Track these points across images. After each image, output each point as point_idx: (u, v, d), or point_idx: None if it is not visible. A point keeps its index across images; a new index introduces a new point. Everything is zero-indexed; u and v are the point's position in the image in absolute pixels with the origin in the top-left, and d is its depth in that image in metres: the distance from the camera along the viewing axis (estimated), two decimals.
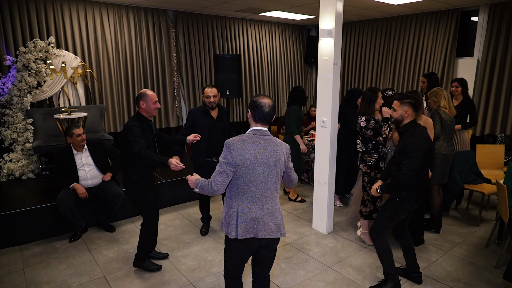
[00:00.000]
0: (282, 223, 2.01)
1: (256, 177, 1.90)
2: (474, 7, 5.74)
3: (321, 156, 3.73)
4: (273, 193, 1.98)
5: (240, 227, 1.90)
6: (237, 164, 1.88)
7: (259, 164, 1.89)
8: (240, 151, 1.87)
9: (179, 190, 4.49)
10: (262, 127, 1.98)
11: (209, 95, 3.40)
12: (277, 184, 2.00)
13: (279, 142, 1.99)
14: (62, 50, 4.95)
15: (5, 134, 4.61)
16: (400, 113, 2.59)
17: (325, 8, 3.45)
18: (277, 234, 1.97)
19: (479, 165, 4.17)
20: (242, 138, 1.92)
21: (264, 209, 1.94)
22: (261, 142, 1.92)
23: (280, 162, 1.96)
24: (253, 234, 1.92)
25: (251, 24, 7.22)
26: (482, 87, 5.70)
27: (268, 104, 1.95)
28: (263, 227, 1.92)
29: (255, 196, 1.92)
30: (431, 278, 2.96)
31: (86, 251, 3.43)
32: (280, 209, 2.04)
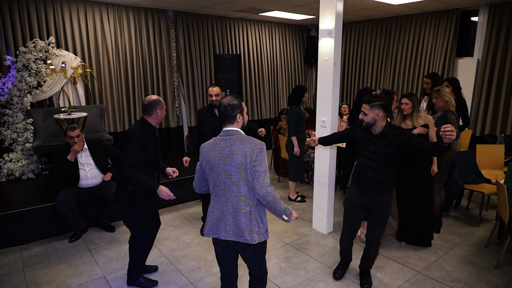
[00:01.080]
0: (248, 228, 1.90)
1: (215, 178, 1.95)
2: (474, 7, 5.74)
3: (321, 156, 3.73)
4: (235, 195, 1.89)
5: (207, 225, 2.01)
6: (203, 166, 2.00)
7: (218, 165, 1.92)
8: (204, 154, 1.98)
9: (179, 190, 4.49)
10: (227, 127, 1.99)
11: (211, 94, 3.54)
12: (240, 185, 1.88)
13: (247, 141, 1.89)
14: (62, 50, 4.95)
15: (5, 134, 4.61)
16: (371, 116, 2.49)
17: (325, 8, 3.45)
18: (239, 238, 1.91)
19: (479, 165, 4.17)
20: (210, 141, 2.00)
21: (225, 210, 1.94)
22: (221, 144, 1.94)
23: (236, 162, 1.85)
24: (216, 234, 1.98)
25: (251, 24, 7.22)
26: (482, 87, 5.70)
27: (223, 104, 1.97)
28: (224, 228, 1.95)
29: (216, 196, 1.98)
30: (431, 278, 2.96)
31: (86, 251, 3.43)
32: (251, 214, 1.91)
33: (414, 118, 3.30)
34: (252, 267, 2.13)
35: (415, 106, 3.28)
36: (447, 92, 3.54)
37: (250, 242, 1.91)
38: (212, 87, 3.55)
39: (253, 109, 7.46)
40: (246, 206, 1.91)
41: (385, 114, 2.51)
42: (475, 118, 5.82)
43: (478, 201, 4.36)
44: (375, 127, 2.54)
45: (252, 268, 2.14)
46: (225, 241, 1.99)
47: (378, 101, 2.47)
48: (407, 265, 3.16)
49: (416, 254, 3.34)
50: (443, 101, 3.54)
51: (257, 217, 1.95)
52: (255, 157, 1.86)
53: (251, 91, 7.39)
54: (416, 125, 3.29)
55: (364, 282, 2.86)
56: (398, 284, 2.88)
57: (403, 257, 3.29)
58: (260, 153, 1.87)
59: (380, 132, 2.54)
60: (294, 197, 4.73)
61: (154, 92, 6.15)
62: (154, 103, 2.58)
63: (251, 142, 1.89)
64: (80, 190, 3.65)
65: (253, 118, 7.50)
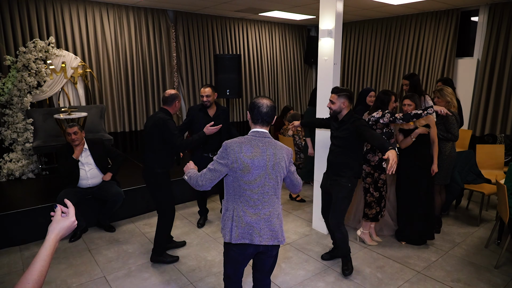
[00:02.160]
0: (280, 229, 1.93)
1: (252, 181, 1.84)
2: (474, 7, 5.74)
3: (321, 156, 3.73)
4: (271, 198, 1.90)
5: (235, 231, 1.85)
6: (232, 166, 1.83)
7: (256, 168, 1.83)
8: (236, 153, 1.82)
9: (179, 190, 4.49)
10: (262, 128, 1.91)
11: (202, 95, 3.58)
12: (276, 189, 1.92)
13: (279, 145, 1.92)
14: (62, 50, 4.95)
15: (5, 134, 4.61)
16: (338, 105, 2.83)
17: (325, 8, 3.46)
18: (273, 241, 1.89)
19: (479, 165, 4.17)
20: (241, 140, 1.86)
21: (260, 214, 1.87)
22: (259, 145, 1.85)
23: (279, 166, 1.88)
24: (248, 239, 1.85)
25: (251, 24, 7.22)
26: (482, 87, 5.70)
27: (266, 105, 1.88)
28: (258, 233, 1.85)
29: (250, 200, 1.86)
30: (431, 278, 2.96)
31: (86, 251, 3.43)
32: (280, 215, 1.95)
33: None
34: (267, 270, 2.06)
35: (417, 107, 3.28)
36: (449, 93, 3.53)
37: (283, 242, 1.94)
38: (204, 88, 3.58)
39: None
40: (279, 208, 1.96)
41: (350, 104, 2.85)
42: (475, 118, 5.82)
43: (478, 201, 4.36)
44: (340, 115, 2.87)
45: (266, 271, 2.07)
46: (255, 247, 1.88)
47: (345, 92, 2.81)
48: (407, 265, 3.16)
49: (416, 254, 3.34)
50: (445, 101, 3.53)
51: (282, 217, 2.00)
52: (288, 160, 1.96)
53: (251, 91, 7.39)
54: (418, 125, 3.28)
55: (344, 268, 3.02)
56: (398, 284, 2.88)
57: (403, 257, 3.29)
58: (290, 155, 1.99)
59: (341, 119, 2.87)
60: (295, 195, 4.75)
61: (154, 92, 6.16)
62: (174, 95, 3.02)
63: (283, 146, 1.95)
64: (80, 190, 3.65)
65: None
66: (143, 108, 6.10)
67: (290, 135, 5.24)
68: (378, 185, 3.31)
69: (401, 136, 3.39)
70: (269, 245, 1.91)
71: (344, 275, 2.98)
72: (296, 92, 8.29)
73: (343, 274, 2.99)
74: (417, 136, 3.28)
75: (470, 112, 5.89)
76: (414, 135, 3.28)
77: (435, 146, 3.37)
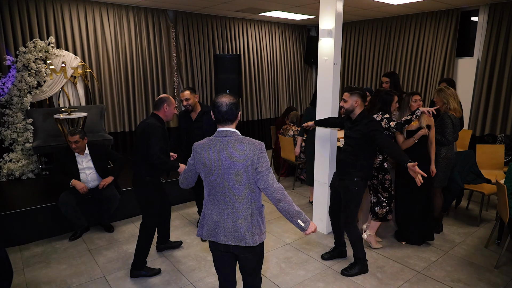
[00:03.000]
0: (249, 231, 1.85)
1: (213, 181, 1.86)
2: (474, 7, 5.74)
3: (321, 156, 3.73)
4: (234, 198, 1.84)
5: (204, 228, 1.94)
6: (197, 167, 1.92)
7: (213, 168, 1.83)
8: (198, 155, 1.88)
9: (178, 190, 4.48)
10: (224, 127, 1.87)
11: (182, 99, 3.48)
12: (240, 189, 1.83)
13: (246, 142, 1.83)
14: (62, 50, 4.95)
15: (5, 134, 4.61)
16: (350, 103, 2.82)
17: (325, 8, 3.46)
18: (239, 242, 1.85)
19: (479, 165, 4.16)
20: (204, 141, 1.90)
21: (224, 213, 1.87)
22: (217, 145, 1.83)
23: (236, 165, 1.80)
24: (215, 237, 1.90)
25: (251, 24, 7.22)
26: (482, 87, 5.70)
27: (225, 103, 1.84)
28: (223, 232, 1.87)
29: (214, 199, 1.89)
30: (431, 278, 2.96)
31: (86, 251, 3.43)
32: (250, 216, 1.87)
33: (421, 119, 3.23)
34: (248, 271, 2.04)
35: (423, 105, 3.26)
36: (448, 94, 3.47)
37: (252, 244, 1.86)
38: (183, 92, 3.46)
39: (253, 109, 7.46)
40: (247, 209, 1.86)
41: (363, 102, 2.84)
42: (475, 118, 5.82)
43: (478, 201, 4.36)
44: (353, 114, 2.86)
45: (248, 272, 2.04)
46: (224, 246, 1.91)
47: (357, 90, 2.80)
48: (407, 265, 3.16)
49: (416, 254, 3.34)
50: (441, 102, 3.50)
51: (258, 218, 1.91)
52: (257, 158, 1.81)
53: (251, 91, 7.39)
54: (422, 125, 3.23)
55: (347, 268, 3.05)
56: (398, 284, 2.88)
57: (403, 257, 3.29)
58: (261, 154, 1.83)
59: (354, 119, 2.86)
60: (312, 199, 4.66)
61: (154, 92, 6.16)
62: (162, 99, 2.89)
63: (250, 143, 1.82)
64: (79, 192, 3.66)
65: (253, 118, 7.50)
66: (143, 108, 6.10)
67: (291, 135, 5.24)
68: (386, 186, 3.25)
69: (402, 137, 3.35)
70: (239, 247, 1.88)
71: (341, 273, 3.01)
72: (296, 92, 8.29)
73: (342, 272, 3.00)
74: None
75: (470, 112, 5.89)
76: (417, 136, 3.22)
77: (432, 147, 3.35)
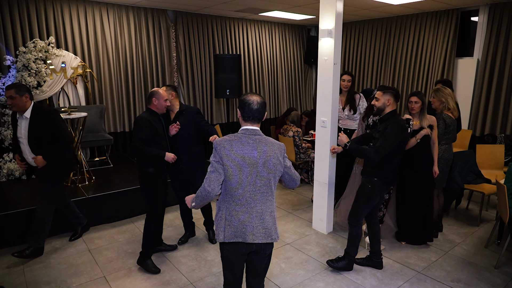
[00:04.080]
0: (274, 227, 1.92)
1: (243, 179, 1.82)
2: (474, 7, 5.73)
3: (321, 156, 3.73)
4: (263, 195, 1.88)
5: (228, 230, 1.86)
6: (224, 164, 1.82)
7: (247, 165, 1.81)
8: (227, 151, 1.81)
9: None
10: (252, 126, 1.88)
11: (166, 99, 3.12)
12: (268, 186, 1.89)
13: (271, 142, 1.90)
14: (62, 50, 4.95)
15: (5, 134, 4.61)
16: (382, 101, 2.80)
17: (325, 8, 3.46)
18: (267, 239, 1.88)
19: (479, 165, 4.17)
20: (230, 138, 1.85)
21: (253, 212, 1.86)
22: (249, 142, 1.84)
23: (270, 163, 1.85)
24: (241, 238, 1.85)
25: (251, 24, 7.22)
26: (482, 87, 5.70)
27: (257, 101, 1.86)
28: (251, 231, 1.85)
29: (242, 198, 1.85)
30: (431, 278, 2.96)
31: (86, 251, 3.43)
32: (273, 212, 1.94)
33: (422, 118, 3.20)
34: (259, 272, 2.04)
35: (424, 105, 3.20)
36: (446, 93, 3.46)
37: (277, 239, 1.93)
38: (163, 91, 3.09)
39: None
40: (272, 205, 1.94)
41: (395, 102, 2.81)
42: (475, 118, 5.82)
43: (478, 201, 4.36)
44: (383, 113, 2.83)
45: (259, 273, 2.04)
46: (248, 245, 1.88)
47: (390, 89, 2.80)
48: (407, 265, 3.16)
49: (416, 254, 3.34)
50: (439, 101, 3.49)
51: (275, 214, 1.98)
52: (282, 156, 1.93)
53: (251, 91, 7.36)
54: (423, 125, 3.21)
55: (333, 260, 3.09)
56: (398, 284, 2.89)
57: (403, 257, 3.29)
58: (284, 151, 1.96)
59: (381, 118, 2.85)
60: None
61: None
62: (151, 93, 2.99)
63: (275, 142, 1.93)
64: None
65: None
66: (143, 108, 6.09)
67: (291, 135, 5.24)
68: None
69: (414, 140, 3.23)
70: (262, 244, 1.90)
71: (326, 263, 3.08)
72: (296, 92, 8.29)
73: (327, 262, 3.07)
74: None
75: (470, 112, 5.89)
76: (420, 136, 3.18)
77: (435, 147, 3.34)
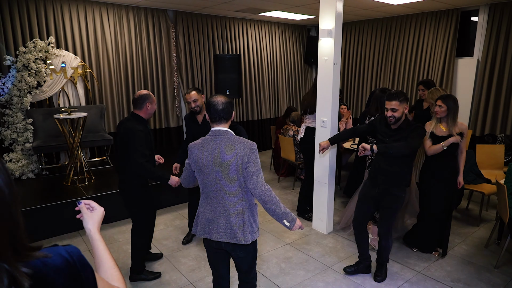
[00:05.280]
0: (241, 228, 1.88)
1: (206, 179, 1.91)
2: (474, 7, 5.73)
3: (321, 156, 3.73)
4: (226, 196, 1.88)
5: (199, 225, 2.00)
6: (192, 166, 1.97)
7: (206, 166, 1.89)
8: (193, 155, 1.93)
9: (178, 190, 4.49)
10: (218, 126, 1.93)
11: (189, 101, 3.23)
12: (231, 187, 1.87)
13: (237, 142, 1.87)
14: (62, 50, 4.95)
15: (5, 134, 4.61)
16: (401, 111, 2.65)
17: (325, 8, 3.46)
18: (230, 239, 1.89)
19: (479, 165, 4.17)
20: (198, 141, 1.96)
21: (216, 211, 1.92)
22: (210, 144, 1.90)
23: (228, 164, 1.83)
24: (208, 235, 1.96)
25: (251, 24, 7.22)
26: (482, 87, 5.70)
27: (221, 102, 1.91)
28: (216, 230, 1.92)
29: (208, 197, 1.95)
30: (431, 278, 2.96)
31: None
32: (242, 215, 1.90)
33: (452, 124, 2.99)
34: (242, 269, 2.08)
35: (451, 110, 2.97)
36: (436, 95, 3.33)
37: (244, 242, 1.89)
38: (189, 93, 3.20)
39: (253, 109, 7.46)
40: (239, 207, 1.90)
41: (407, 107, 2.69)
42: (475, 118, 5.82)
43: (478, 201, 4.35)
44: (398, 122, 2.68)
45: (242, 270, 2.08)
46: (216, 243, 1.96)
47: (403, 96, 2.63)
48: (407, 265, 3.16)
49: (416, 254, 3.34)
50: (429, 103, 3.46)
51: (249, 216, 1.93)
52: (247, 158, 1.83)
53: (251, 91, 7.39)
54: (452, 132, 2.98)
55: (378, 274, 2.96)
56: (398, 284, 2.89)
57: (403, 257, 3.29)
58: (252, 153, 1.85)
59: (398, 126, 2.70)
60: None
61: (154, 92, 6.15)
62: (145, 96, 2.66)
63: (241, 143, 1.86)
64: None
65: (253, 118, 7.50)
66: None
67: (291, 135, 5.24)
68: None
69: (430, 142, 3.07)
70: (231, 244, 1.93)
71: (376, 281, 2.93)
72: (296, 92, 8.29)
73: (375, 279, 2.94)
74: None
75: (470, 112, 5.89)
76: (447, 143, 2.95)
77: (462, 157, 3.13)
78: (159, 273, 3.03)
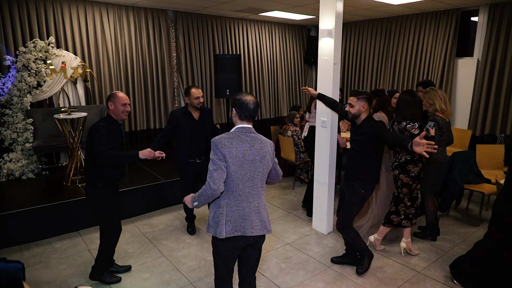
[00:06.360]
0: (267, 220, 2.05)
1: (243, 175, 1.92)
2: (474, 7, 5.74)
3: (321, 156, 3.73)
4: (259, 190, 2.00)
5: (228, 225, 1.93)
6: (227, 161, 1.89)
7: (247, 162, 1.92)
8: (228, 148, 1.89)
9: (178, 190, 4.49)
10: (248, 124, 2.01)
11: (198, 96, 3.41)
12: (263, 181, 2.03)
13: (264, 140, 2.03)
14: (62, 50, 4.95)
15: (5, 134, 4.61)
16: (357, 108, 2.75)
17: (325, 8, 3.46)
18: (263, 231, 2.00)
19: (479, 165, 4.16)
20: (229, 135, 1.94)
21: (251, 206, 1.97)
22: (247, 140, 1.94)
23: (266, 159, 1.98)
24: (241, 232, 1.95)
25: (251, 24, 7.22)
26: (482, 87, 5.70)
27: (252, 101, 2.00)
28: (250, 225, 1.95)
29: (242, 193, 1.95)
30: (431, 278, 2.96)
31: (86, 251, 3.43)
32: (266, 206, 2.07)
33: None
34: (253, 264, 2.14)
35: None
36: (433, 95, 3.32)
37: (271, 231, 2.07)
38: (196, 89, 3.42)
39: None
40: (264, 199, 2.07)
41: (369, 107, 2.77)
42: (475, 118, 5.82)
43: (478, 201, 4.35)
44: (358, 119, 2.80)
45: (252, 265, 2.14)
46: (246, 239, 1.97)
47: (364, 95, 2.74)
48: (407, 265, 3.16)
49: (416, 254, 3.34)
50: (428, 103, 3.38)
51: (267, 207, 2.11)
52: (272, 154, 2.06)
53: (251, 91, 7.39)
54: None
55: (358, 266, 3.05)
56: (398, 284, 2.89)
57: (403, 257, 3.29)
58: (273, 148, 2.08)
59: (359, 124, 2.81)
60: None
61: (154, 92, 6.15)
62: (108, 96, 2.66)
63: (266, 140, 2.04)
64: None
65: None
66: (143, 108, 6.10)
67: (289, 135, 5.24)
68: (413, 195, 3.16)
69: None
70: (258, 236, 2.01)
71: (357, 273, 3.01)
72: (296, 92, 8.29)
73: (358, 273, 3.01)
74: None
75: (470, 112, 5.89)
76: None
77: None
78: (119, 278, 2.94)
